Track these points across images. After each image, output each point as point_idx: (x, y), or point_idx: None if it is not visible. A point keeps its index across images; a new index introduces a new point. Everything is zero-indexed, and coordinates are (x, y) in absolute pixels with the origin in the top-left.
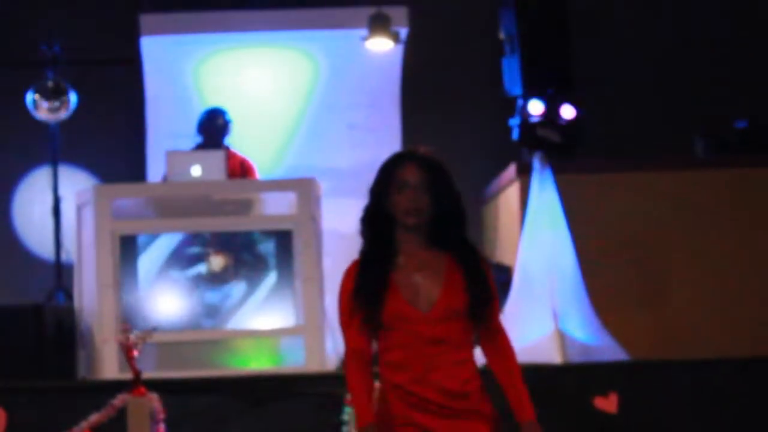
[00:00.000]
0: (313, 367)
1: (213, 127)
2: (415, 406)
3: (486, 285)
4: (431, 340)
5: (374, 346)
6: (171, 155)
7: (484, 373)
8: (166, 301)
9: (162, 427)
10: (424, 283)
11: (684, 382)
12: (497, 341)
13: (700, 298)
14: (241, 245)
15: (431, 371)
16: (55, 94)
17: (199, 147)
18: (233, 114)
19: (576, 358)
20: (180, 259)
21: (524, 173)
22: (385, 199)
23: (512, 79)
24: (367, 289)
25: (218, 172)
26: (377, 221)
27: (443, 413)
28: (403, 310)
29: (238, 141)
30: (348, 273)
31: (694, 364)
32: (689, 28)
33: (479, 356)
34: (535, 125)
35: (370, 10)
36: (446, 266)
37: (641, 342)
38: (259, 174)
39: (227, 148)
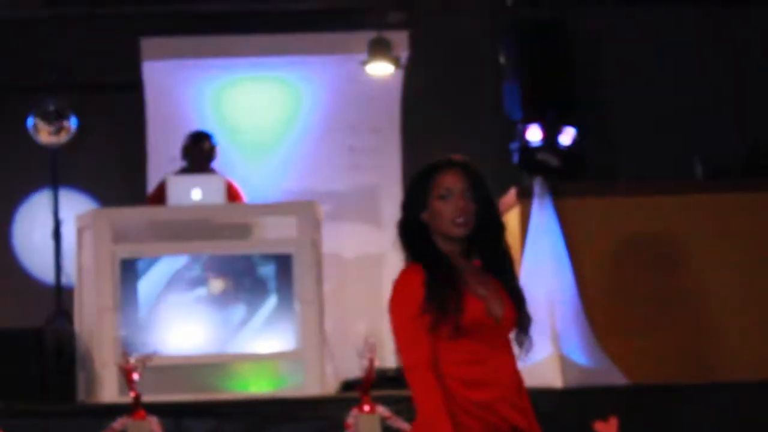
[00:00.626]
0: (313, 391)
1: (198, 151)
2: (495, 428)
3: (526, 312)
4: (503, 351)
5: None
6: (171, 179)
7: None
8: (165, 325)
9: None
10: (487, 293)
11: (685, 407)
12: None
13: (701, 323)
14: (241, 269)
15: (508, 388)
16: (56, 118)
17: (184, 171)
18: (235, 138)
19: (576, 382)
20: (180, 282)
21: (525, 198)
22: (424, 208)
23: (513, 104)
24: (444, 294)
25: (218, 196)
26: (417, 236)
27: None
28: (483, 316)
29: (240, 164)
30: (409, 280)
31: (695, 389)
32: (689, 52)
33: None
34: (535, 150)
35: (370, 35)
36: (491, 277)
37: (642, 366)
38: (258, 197)
39: (213, 172)
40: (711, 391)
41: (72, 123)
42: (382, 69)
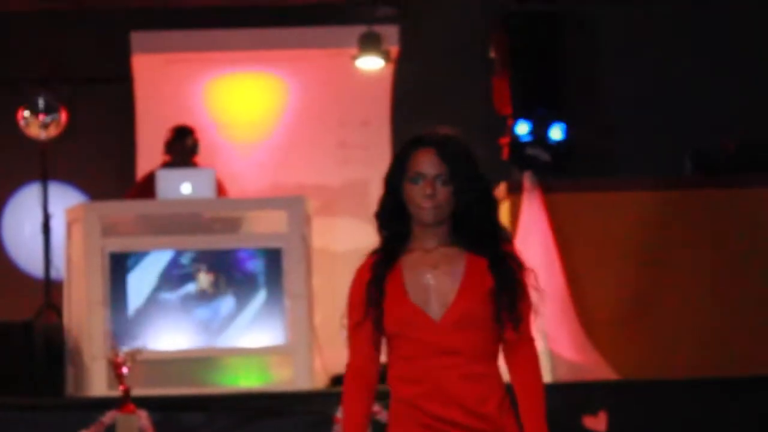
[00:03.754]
0: (302, 385)
1: (181, 146)
2: (423, 425)
3: (514, 287)
4: (442, 351)
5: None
6: (161, 173)
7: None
8: (155, 319)
9: None
10: (437, 285)
11: (673, 401)
12: (520, 352)
13: (690, 317)
14: (231, 263)
15: (444, 386)
16: (46, 111)
17: (167, 165)
18: (225, 132)
19: (565, 376)
20: (169, 276)
21: (515, 192)
22: (400, 190)
23: (502, 99)
24: (372, 291)
25: (208, 190)
26: (394, 214)
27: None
28: (410, 315)
29: (229, 159)
30: (356, 274)
31: (683, 383)
32: (680, 47)
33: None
34: (524, 144)
35: (361, 29)
36: (467, 266)
37: (631, 360)
38: (248, 192)
39: (196, 166)
40: (700, 386)
41: (62, 116)
42: (372, 63)
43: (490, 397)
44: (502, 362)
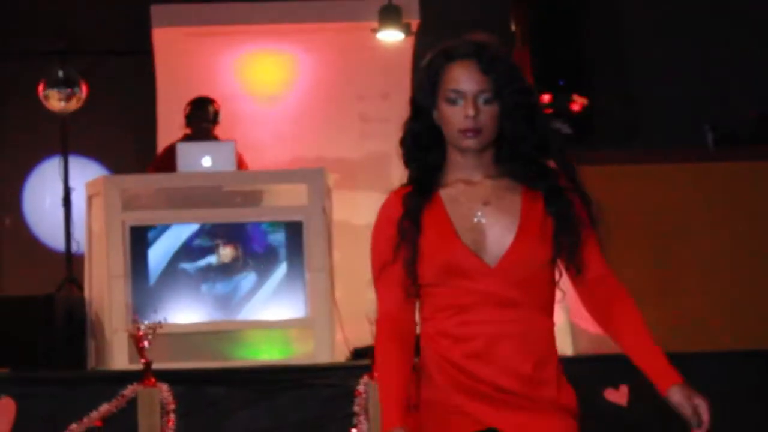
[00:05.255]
0: (323, 358)
1: (202, 117)
2: (470, 391)
3: (576, 227)
4: (499, 302)
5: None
6: (181, 146)
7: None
8: (175, 292)
9: (172, 417)
10: (490, 224)
11: (697, 375)
12: (608, 289)
13: (714, 291)
14: (251, 236)
15: (496, 344)
16: (66, 84)
17: (188, 138)
18: (245, 105)
19: (587, 349)
20: (190, 250)
21: None
22: (432, 109)
23: (523, 71)
24: (407, 227)
25: (229, 163)
26: (425, 142)
27: (508, 402)
28: (459, 258)
29: (249, 132)
30: (381, 212)
31: (707, 356)
32: (702, 18)
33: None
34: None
35: (381, 2)
36: (524, 201)
37: (654, 334)
38: (268, 166)
39: (216, 138)
40: (724, 358)
41: (82, 90)
42: (392, 36)
43: (551, 358)
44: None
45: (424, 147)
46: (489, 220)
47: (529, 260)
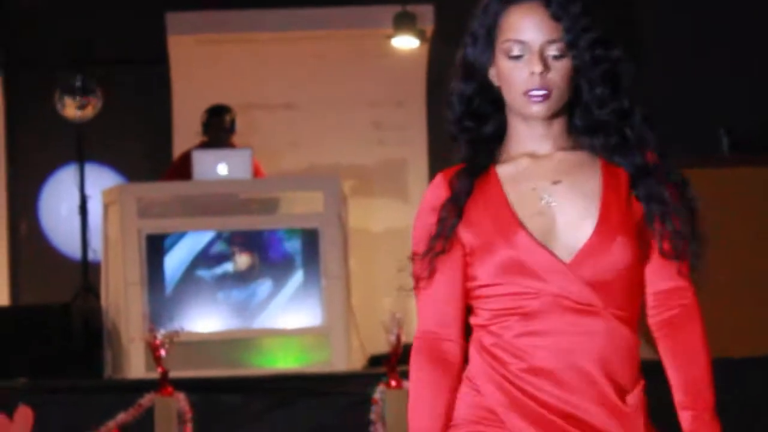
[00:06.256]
0: (340, 366)
1: (218, 125)
2: (531, 415)
3: (670, 210)
4: (574, 308)
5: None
6: (197, 154)
7: None
8: (192, 300)
9: (189, 426)
10: (563, 208)
11: (716, 379)
12: (674, 307)
13: (727, 296)
14: (267, 244)
15: (569, 361)
16: (83, 93)
17: (204, 146)
18: (260, 113)
19: None
20: (206, 257)
21: None
22: (488, 67)
23: None
24: (454, 213)
25: (244, 171)
26: (478, 107)
27: (582, 430)
28: (525, 253)
29: (265, 140)
30: (427, 194)
31: (720, 363)
32: (717, 22)
33: None
34: None
35: (395, 9)
36: (604, 180)
37: None
38: (284, 173)
39: (234, 146)
40: (743, 365)
41: (99, 98)
42: (407, 43)
43: (637, 382)
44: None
45: (477, 115)
46: (560, 202)
47: (615, 254)
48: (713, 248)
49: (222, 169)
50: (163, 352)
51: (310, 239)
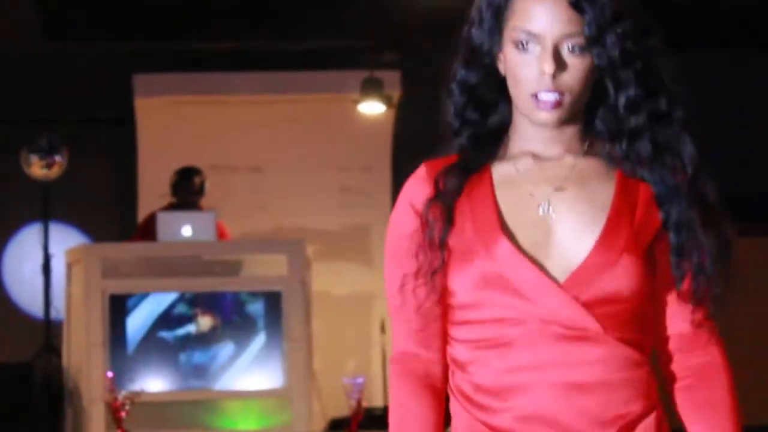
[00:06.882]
0: (300, 429)
1: (188, 189)
2: None
3: (698, 236)
4: (568, 335)
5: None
6: (161, 215)
7: None
8: (154, 361)
9: None
10: (563, 220)
11: None
12: (696, 349)
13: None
14: (230, 306)
15: (563, 400)
16: (49, 152)
17: (173, 207)
18: (226, 174)
19: None
20: (169, 318)
21: None
22: (495, 51)
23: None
24: (436, 221)
25: (208, 233)
26: (480, 95)
27: None
28: (509, 268)
29: (230, 201)
30: (404, 191)
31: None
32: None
33: None
34: None
35: (363, 74)
36: (618, 191)
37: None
38: (248, 235)
39: (201, 209)
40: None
41: (64, 157)
42: (374, 108)
43: (651, 406)
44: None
45: (481, 104)
46: (561, 212)
47: (619, 276)
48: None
49: (186, 231)
50: (123, 413)
51: (274, 302)
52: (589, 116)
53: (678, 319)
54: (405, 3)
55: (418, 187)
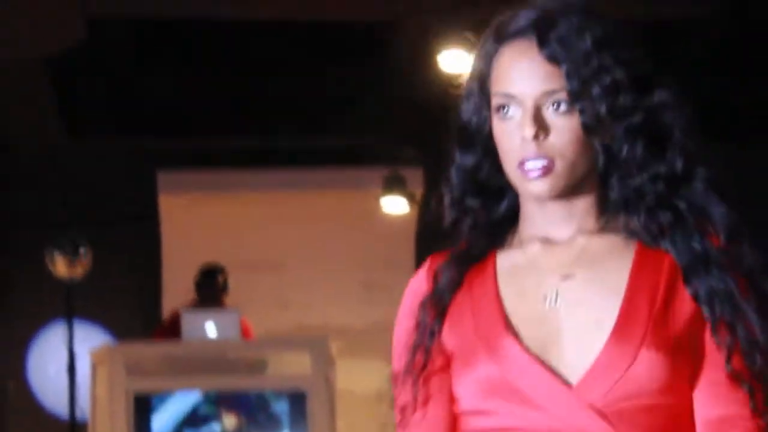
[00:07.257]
0: None
1: (211, 286)
2: None
3: (738, 322)
4: None
5: None
6: (186, 314)
7: None
8: None
9: None
10: (572, 313)
11: None
12: None
13: None
14: (255, 405)
15: None
16: (73, 251)
17: (196, 304)
18: (250, 272)
19: None
20: (194, 417)
21: None
22: (486, 125)
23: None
24: (431, 319)
25: (232, 331)
26: (481, 179)
27: None
28: (515, 372)
29: (254, 298)
30: (409, 288)
31: None
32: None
33: None
34: None
35: (385, 171)
36: (635, 271)
37: None
38: (272, 332)
39: (224, 306)
40: None
41: (88, 256)
42: (396, 205)
43: None
44: None
45: (484, 190)
46: (569, 304)
47: (639, 374)
48: None
49: (210, 329)
50: None
51: (298, 401)
52: (603, 186)
53: (715, 402)
54: (425, 98)
55: (416, 286)
